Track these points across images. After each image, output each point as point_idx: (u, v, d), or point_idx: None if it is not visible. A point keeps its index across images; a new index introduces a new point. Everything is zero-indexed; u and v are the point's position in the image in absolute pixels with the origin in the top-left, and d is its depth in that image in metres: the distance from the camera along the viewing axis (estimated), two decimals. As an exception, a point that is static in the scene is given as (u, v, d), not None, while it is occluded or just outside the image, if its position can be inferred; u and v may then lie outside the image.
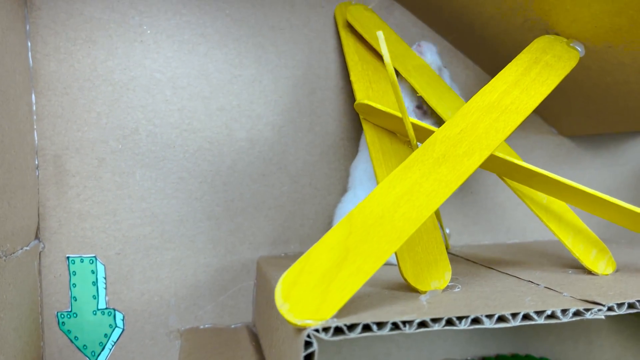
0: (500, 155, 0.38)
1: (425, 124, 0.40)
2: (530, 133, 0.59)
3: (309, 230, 0.54)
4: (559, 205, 0.43)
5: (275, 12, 0.53)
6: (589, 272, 0.41)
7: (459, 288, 0.37)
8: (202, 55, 0.52)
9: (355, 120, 0.55)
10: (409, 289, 0.37)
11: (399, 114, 0.40)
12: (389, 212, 0.33)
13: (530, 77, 0.40)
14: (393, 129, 0.44)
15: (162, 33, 0.51)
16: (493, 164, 0.40)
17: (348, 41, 0.51)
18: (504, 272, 0.42)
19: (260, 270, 0.51)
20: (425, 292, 0.36)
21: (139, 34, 0.51)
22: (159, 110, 0.51)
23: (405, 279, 0.37)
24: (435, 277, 0.37)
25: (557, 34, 0.43)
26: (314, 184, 0.54)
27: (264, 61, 0.53)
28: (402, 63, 0.48)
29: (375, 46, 0.50)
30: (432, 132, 0.39)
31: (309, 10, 0.54)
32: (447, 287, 0.37)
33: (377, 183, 0.41)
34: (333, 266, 0.31)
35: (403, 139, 0.44)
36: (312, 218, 0.54)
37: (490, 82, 0.40)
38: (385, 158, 0.42)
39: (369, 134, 0.44)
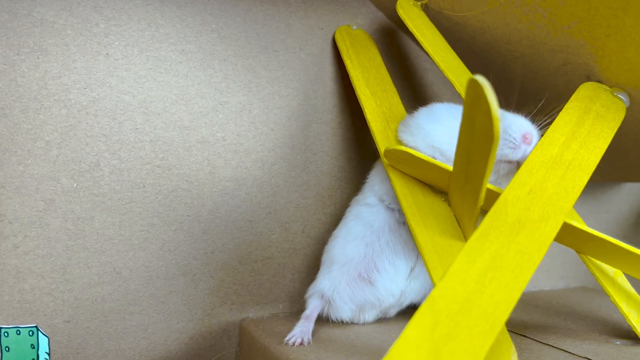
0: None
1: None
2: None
3: (300, 286, 0.47)
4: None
5: (269, 31, 0.45)
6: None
7: (525, 374, 0.32)
8: (182, 76, 0.43)
9: (353, 159, 0.49)
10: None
11: (448, 167, 0.34)
12: (475, 294, 0.27)
13: (585, 129, 0.36)
14: (428, 180, 0.38)
15: (133, 46, 0.41)
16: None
17: (357, 72, 0.44)
18: (555, 347, 0.37)
19: (246, 336, 0.43)
20: (495, 382, 0.30)
21: (103, 46, 0.41)
22: (126, 141, 0.41)
23: (470, 366, 0.30)
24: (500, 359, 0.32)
25: (598, 81, 0.40)
26: (307, 232, 0.47)
27: (254, 87, 0.45)
28: (457, 77, 0.42)
29: (428, 49, 0.43)
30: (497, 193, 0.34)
31: (307, 32, 0.47)
32: (514, 372, 0.32)
33: (417, 245, 0.35)
34: (424, 371, 0.24)
35: (436, 191, 0.38)
36: (304, 272, 0.47)
37: (547, 134, 0.35)
38: (421, 215, 0.36)
39: (399, 185, 0.38)
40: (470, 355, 0.25)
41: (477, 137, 0.27)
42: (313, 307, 0.41)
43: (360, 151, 0.49)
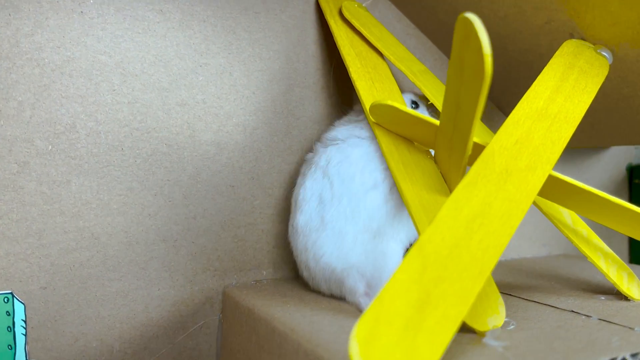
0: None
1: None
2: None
3: (283, 252, 0.46)
4: (584, 227, 0.40)
5: (250, -9, 0.44)
6: (623, 298, 0.37)
7: (513, 325, 0.32)
8: (160, 36, 0.42)
9: (336, 124, 0.48)
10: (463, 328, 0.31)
11: (435, 121, 0.34)
12: (464, 239, 0.27)
13: (570, 84, 0.36)
14: (414, 136, 0.37)
15: (109, 4, 0.40)
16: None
17: (341, 33, 0.44)
18: (540, 303, 0.37)
19: (229, 302, 0.42)
20: (484, 333, 0.30)
21: (78, 4, 0.39)
22: (103, 103, 0.40)
23: (458, 318, 0.30)
24: (489, 312, 0.31)
25: (581, 38, 0.39)
26: (291, 197, 0.46)
27: (235, 49, 0.44)
28: (408, 67, 0.42)
29: (376, 45, 0.44)
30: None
31: (288, -7, 0.46)
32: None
33: (404, 200, 0.34)
34: (415, 313, 0.24)
35: (422, 147, 0.38)
36: (287, 238, 0.46)
37: (531, 88, 0.35)
38: (408, 171, 0.36)
39: (385, 143, 0.37)
40: (460, 298, 0.25)
41: (466, 78, 0.27)
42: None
43: (343, 116, 0.48)
